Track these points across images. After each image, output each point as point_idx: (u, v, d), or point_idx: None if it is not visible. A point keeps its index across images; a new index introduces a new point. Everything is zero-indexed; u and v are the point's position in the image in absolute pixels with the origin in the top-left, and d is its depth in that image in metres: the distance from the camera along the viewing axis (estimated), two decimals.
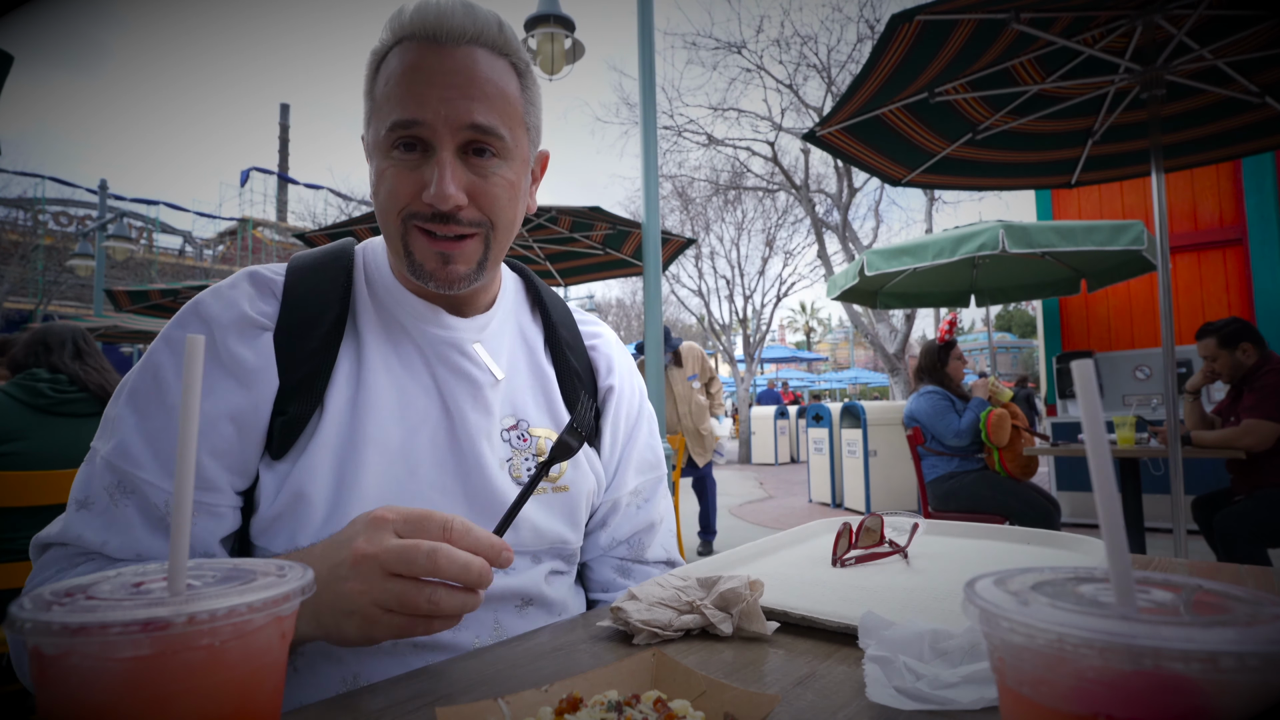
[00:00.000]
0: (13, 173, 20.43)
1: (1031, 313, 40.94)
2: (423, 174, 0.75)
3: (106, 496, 0.72)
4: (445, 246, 0.77)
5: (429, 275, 0.78)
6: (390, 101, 0.75)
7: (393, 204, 0.77)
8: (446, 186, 0.74)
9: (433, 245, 0.77)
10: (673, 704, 0.47)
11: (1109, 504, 0.34)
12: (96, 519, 0.72)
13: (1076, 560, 0.92)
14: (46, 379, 2.22)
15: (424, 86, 0.74)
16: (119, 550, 0.71)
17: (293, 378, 0.77)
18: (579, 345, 0.99)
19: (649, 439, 1.03)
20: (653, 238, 3.95)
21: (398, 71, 0.75)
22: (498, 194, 0.78)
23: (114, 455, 0.73)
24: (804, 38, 12.97)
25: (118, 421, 0.74)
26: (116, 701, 0.34)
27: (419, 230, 0.77)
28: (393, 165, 0.76)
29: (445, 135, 0.74)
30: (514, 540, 0.84)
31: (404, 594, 0.58)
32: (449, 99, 0.74)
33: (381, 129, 0.75)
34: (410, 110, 0.73)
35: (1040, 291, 7.03)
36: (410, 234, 0.77)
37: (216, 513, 0.75)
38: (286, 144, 50.16)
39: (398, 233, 0.78)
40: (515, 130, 0.80)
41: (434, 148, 0.75)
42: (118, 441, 0.73)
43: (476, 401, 0.84)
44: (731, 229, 16.06)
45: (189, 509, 0.41)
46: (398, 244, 0.78)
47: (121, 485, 0.72)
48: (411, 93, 0.74)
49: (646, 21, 3.96)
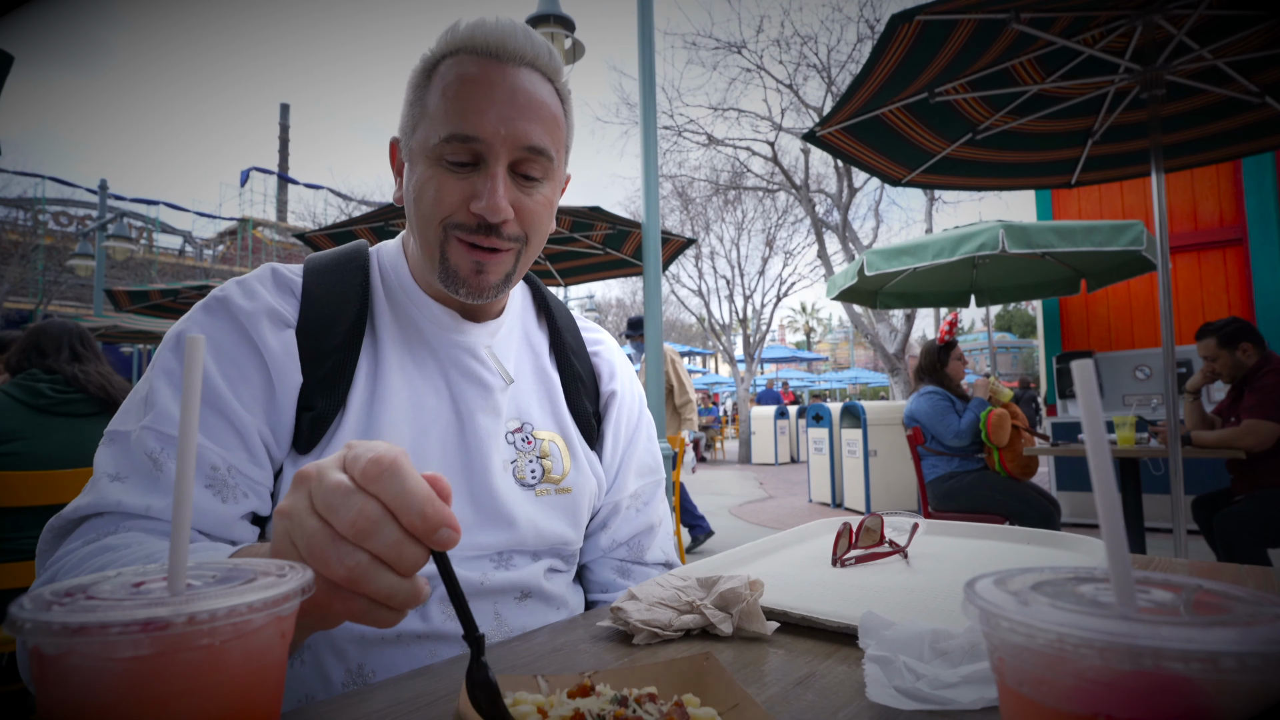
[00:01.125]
0: (13, 173, 20.45)
1: (1031, 313, 40.98)
2: (472, 184, 0.77)
3: (149, 462, 0.72)
4: (482, 256, 0.79)
5: (462, 283, 0.80)
6: (449, 113, 0.76)
7: (436, 211, 0.78)
8: (499, 200, 0.76)
9: (470, 254, 0.79)
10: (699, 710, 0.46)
11: (1109, 504, 0.34)
12: (136, 486, 0.71)
13: (1076, 560, 0.92)
14: (46, 379, 2.21)
15: (485, 102, 0.76)
16: (167, 510, 0.70)
17: (316, 374, 0.79)
18: (582, 351, 1.01)
19: (648, 444, 1.05)
20: (653, 238, 3.95)
21: (456, 82, 0.77)
22: (539, 212, 0.82)
23: (156, 422, 0.73)
24: (804, 38, 12.99)
25: (154, 394, 0.75)
26: (116, 701, 0.34)
27: (458, 240, 0.79)
28: (441, 173, 0.77)
29: (501, 152, 0.77)
30: (515, 540, 0.85)
31: (316, 537, 0.44)
32: (509, 118, 0.76)
33: (434, 137, 0.76)
34: (471, 125, 0.75)
35: (1040, 291, 7.03)
36: (449, 242, 0.79)
37: (260, 493, 0.76)
38: (286, 144, 50.18)
39: (436, 240, 0.79)
40: (559, 153, 0.83)
41: (486, 162, 0.77)
42: (159, 410, 0.73)
43: (486, 404, 0.86)
44: (731, 229, 16.08)
45: (189, 509, 0.41)
46: (434, 250, 0.80)
47: (166, 450, 0.72)
48: (472, 107, 0.76)
49: (646, 21, 3.96)
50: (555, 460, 0.91)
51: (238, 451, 0.75)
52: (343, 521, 0.44)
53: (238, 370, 0.77)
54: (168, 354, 0.78)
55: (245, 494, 0.75)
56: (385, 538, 0.43)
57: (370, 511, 0.43)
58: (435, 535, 0.44)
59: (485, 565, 0.83)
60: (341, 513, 0.44)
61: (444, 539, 0.44)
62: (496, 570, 0.84)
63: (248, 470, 0.75)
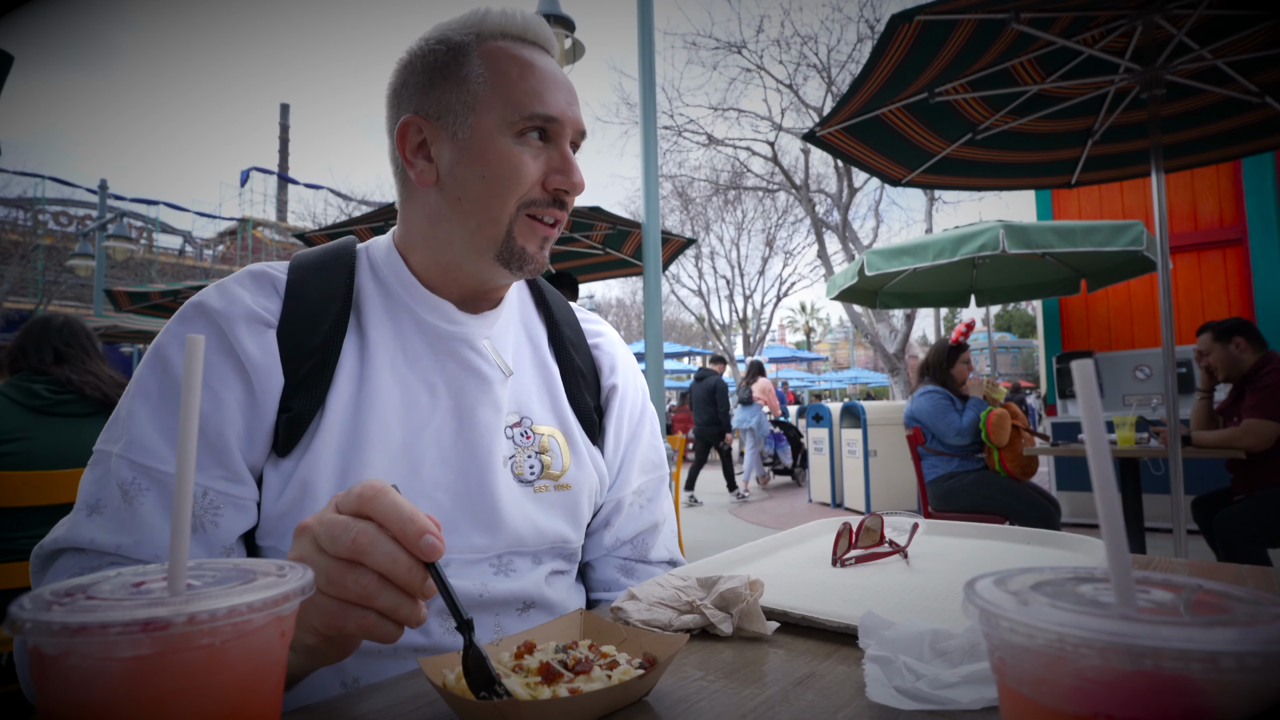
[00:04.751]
0: (13, 173, 20.45)
1: (1031, 313, 40.96)
2: (545, 162, 0.81)
3: (120, 495, 0.71)
4: (548, 231, 0.83)
5: (529, 259, 0.83)
6: (528, 94, 0.79)
7: (516, 189, 0.80)
8: (580, 175, 0.83)
9: (539, 230, 0.82)
10: (603, 647, 0.57)
11: (1109, 504, 0.34)
12: (110, 521, 0.70)
13: (1076, 560, 0.92)
14: (41, 380, 2.19)
15: (554, 85, 0.81)
16: (135, 550, 0.69)
17: (296, 374, 0.77)
18: (582, 344, 0.99)
19: (652, 439, 1.03)
20: (653, 238, 3.95)
21: (524, 65, 0.80)
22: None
23: (130, 451, 0.71)
24: (804, 38, 13.01)
25: (130, 419, 0.73)
26: (116, 701, 0.34)
27: (529, 217, 0.82)
28: (520, 151, 0.80)
29: (569, 132, 0.82)
30: (515, 540, 0.83)
31: (330, 570, 0.52)
32: (571, 102, 0.83)
33: (513, 115, 0.79)
34: (552, 106, 0.80)
35: (1040, 291, 7.03)
36: (519, 220, 0.81)
37: (243, 507, 0.74)
38: (286, 144, 50.17)
39: (506, 219, 0.81)
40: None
41: (555, 141, 0.82)
42: (132, 438, 0.72)
43: (485, 397, 0.84)
44: (731, 229, 16.11)
45: (189, 509, 0.41)
46: (499, 230, 0.81)
47: (138, 482, 0.71)
48: (548, 89, 0.80)
49: (646, 21, 3.96)
50: (555, 456, 0.89)
51: (211, 470, 0.73)
52: (344, 546, 0.51)
53: (216, 379, 0.75)
54: (145, 373, 0.76)
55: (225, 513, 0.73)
56: (382, 549, 0.51)
57: (367, 529, 0.51)
58: (420, 542, 0.51)
59: (484, 572, 0.82)
60: (342, 539, 0.51)
61: (428, 545, 0.51)
62: (496, 577, 0.82)
63: (224, 488, 0.73)
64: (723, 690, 0.56)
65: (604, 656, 0.55)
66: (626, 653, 0.57)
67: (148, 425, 0.72)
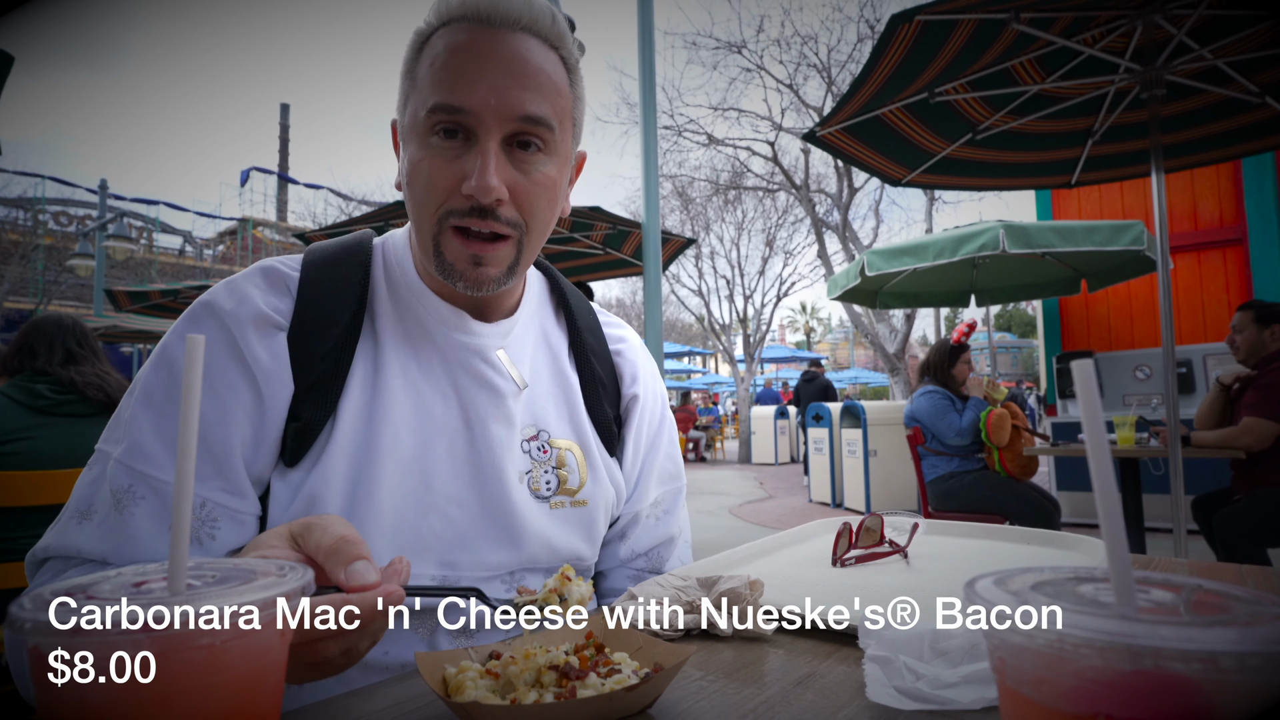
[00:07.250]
0: (13, 172, 20.44)
1: (1031, 313, 40.94)
2: (463, 164, 0.71)
3: (112, 502, 0.68)
4: (479, 248, 0.73)
5: (459, 276, 0.74)
6: (435, 83, 0.70)
7: (430, 199, 0.72)
8: (489, 178, 0.69)
9: (467, 246, 0.73)
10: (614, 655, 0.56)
11: (1109, 504, 0.34)
12: (97, 529, 0.69)
13: (1076, 560, 0.92)
14: (44, 381, 2.19)
15: (474, 71, 0.69)
16: (118, 560, 0.67)
17: (307, 380, 0.74)
18: (604, 351, 0.95)
19: (669, 449, 1.00)
20: (653, 238, 3.95)
21: (444, 52, 0.71)
22: (538, 193, 0.74)
23: (128, 457, 0.69)
24: (804, 38, 13.00)
25: (130, 423, 0.71)
26: (116, 701, 0.34)
27: (454, 230, 0.73)
28: (430, 155, 0.71)
29: (493, 125, 0.70)
30: (528, 558, 0.81)
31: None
32: (500, 87, 0.70)
33: (421, 111, 0.71)
34: (458, 95, 0.69)
35: (1040, 291, 7.03)
36: (444, 234, 0.73)
37: (242, 521, 0.72)
38: (286, 144, 50.17)
39: (430, 231, 0.73)
40: (564, 124, 0.76)
41: (477, 137, 0.70)
42: (131, 442, 0.70)
43: (498, 411, 0.80)
44: (731, 229, 16.08)
45: (189, 509, 0.41)
46: (428, 242, 0.74)
47: (134, 489, 0.68)
48: (461, 76, 0.69)
49: (646, 21, 3.96)
50: (572, 471, 0.85)
51: (211, 481, 0.70)
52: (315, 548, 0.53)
53: (222, 385, 0.72)
54: (150, 375, 0.73)
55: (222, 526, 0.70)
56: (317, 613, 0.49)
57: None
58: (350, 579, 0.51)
59: (497, 589, 0.79)
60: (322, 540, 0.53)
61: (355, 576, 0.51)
62: (508, 594, 0.79)
63: (224, 500, 0.70)
64: (723, 690, 0.56)
65: (608, 664, 0.54)
66: (638, 661, 0.55)
67: (149, 430, 0.70)
